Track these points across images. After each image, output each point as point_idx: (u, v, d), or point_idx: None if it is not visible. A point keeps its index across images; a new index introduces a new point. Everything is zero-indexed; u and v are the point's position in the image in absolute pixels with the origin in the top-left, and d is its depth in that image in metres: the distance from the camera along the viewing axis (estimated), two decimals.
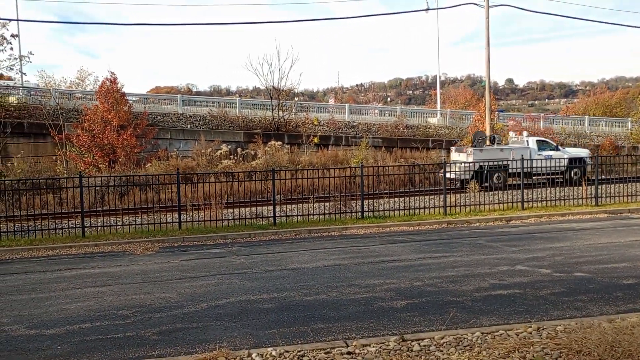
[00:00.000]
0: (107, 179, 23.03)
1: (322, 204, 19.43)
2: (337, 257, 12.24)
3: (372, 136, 36.89)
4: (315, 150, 33.65)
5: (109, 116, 29.07)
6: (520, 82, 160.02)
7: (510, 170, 23.15)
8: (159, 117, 35.25)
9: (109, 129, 28.54)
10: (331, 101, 57.32)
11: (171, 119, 35.64)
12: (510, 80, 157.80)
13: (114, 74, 30.84)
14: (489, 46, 27.12)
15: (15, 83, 37.57)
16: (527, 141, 25.91)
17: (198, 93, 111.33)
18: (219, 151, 30.89)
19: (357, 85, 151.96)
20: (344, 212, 18.36)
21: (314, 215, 18.14)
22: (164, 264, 12.17)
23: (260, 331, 7.21)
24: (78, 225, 16.49)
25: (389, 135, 37.92)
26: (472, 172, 22.77)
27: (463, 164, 22.52)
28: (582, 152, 26.76)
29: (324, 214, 18.23)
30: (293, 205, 19.41)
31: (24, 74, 37.61)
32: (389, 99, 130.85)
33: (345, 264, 11.35)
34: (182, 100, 37.58)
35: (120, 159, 28.22)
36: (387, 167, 22.65)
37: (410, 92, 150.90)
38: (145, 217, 17.88)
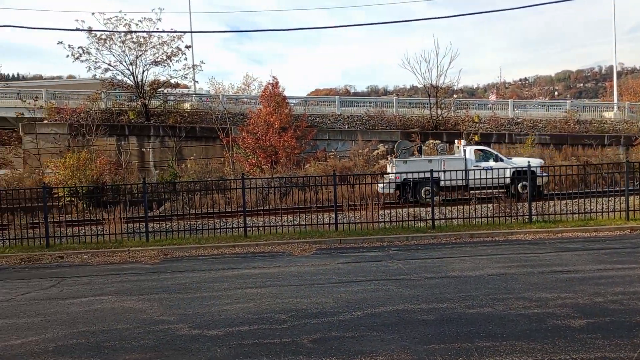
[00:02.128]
0: (268, 180, 23.80)
1: (484, 205, 18.35)
2: (502, 265, 11.33)
3: (539, 133, 34.53)
4: None
5: (271, 119, 30.15)
6: None
7: (442, 184, 20.46)
8: (317, 118, 35.98)
9: (271, 131, 29.60)
10: (492, 97, 54.82)
11: (329, 120, 36.20)
12: None
13: (276, 79, 32.03)
14: None
15: (189, 91, 40.53)
16: (464, 151, 22.97)
17: (355, 94, 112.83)
18: (376, 151, 30.73)
19: (520, 79, 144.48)
20: (509, 215, 17.15)
21: (475, 218, 17.16)
22: (321, 267, 12.10)
23: (419, 345, 6.71)
24: (241, 226, 17.12)
25: (558, 131, 35.25)
26: (394, 186, 21.52)
27: (389, 176, 21.32)
28: (534, 162, 22.59)
29: (487, 217, 17.18)
30: (453, 207, 18.56)
31: (197, 81, 40.43)
32: (556, 93, 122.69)
33: (511, 273, 10.43)
34: (340, 102, 38.03)
35: (281, 160, 29.15)
36: (556, 167, 20.89)
37: (581, 84, 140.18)
38: (303, 217, 18.12)
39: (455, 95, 37.62)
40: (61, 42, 47.78)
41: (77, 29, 30.86)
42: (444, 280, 10.12)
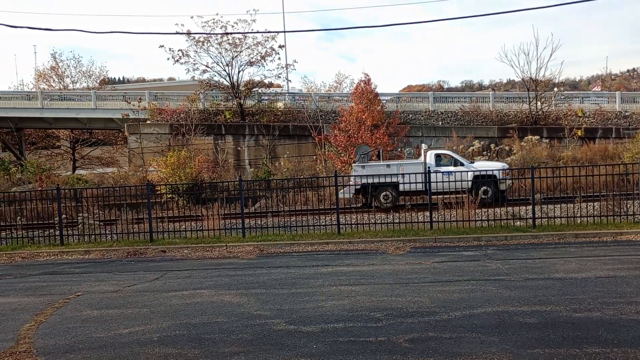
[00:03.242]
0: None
1: (590, 204, 17.36)
2: (611, 267, 10.64)
3: None
4: (579, 145, 30.63)
5: (363, 116, 30.07)
6: None
7: (401, 189, 20.19)
8: (410, 115, 35.53)
9: (363, 128, 29.52)
10: (597, 89, 51.89)
11: (422, 116, 35.65)
12: None
13: (368, 76, 31.89)
14: None
15: (282, 90, 41.26)
16: (425, 155, 22.19)
17: (449, 89, 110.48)
18: (471, 147, 29.91)
19: (628, 71, 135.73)
20: (618, 215, 16.13)
21: (579, 217, 16.28)
22: (416, 266, 11.89)
23: (522, 349, 6.41)
24: (334, 223, 17.18)
25: None
26: (353, 190, 21.46)
27: (350, 181, 21.33)
28: (496, 166, 21.52)
29: (592, 216, 16.25)
30: (554, 206, 17.70)
31: (290, 80, 41.03)
32: None
33: (622, 276, 9.78)
34: (434, 97, 37.37)
35: (373, 158, 29.02)
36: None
37: None
38: (396, 215, 17.93)
39: (556, 89, 35.81)
40: (162, 46, 50.21)
41: (177, 33, 32.16)
42: (547, 282, 9.64)
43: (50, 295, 10.50)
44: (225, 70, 35.50)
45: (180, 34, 32.67)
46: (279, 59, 36.73)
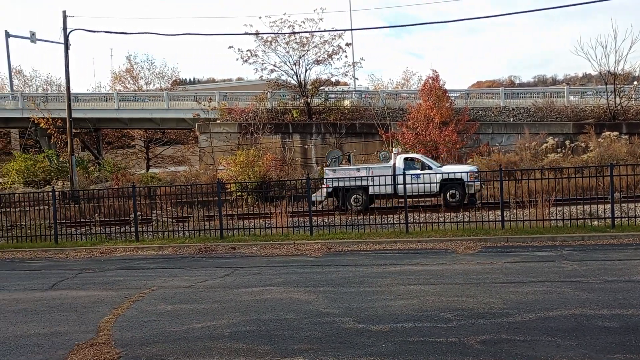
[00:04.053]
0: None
1: None
2: None
3: None
4: None
5: (432, 113, 29.65)
6: None
7: (371, 192, 20.64)
8: (480, 111, 34.73)
9: (432, 125, 29.11)
10: None
11: (492, 113, 34.77)
12: None
13: (436, 72, 31.42)
14: None
15: (348, 88, 41.24)
16: (395, 159, 22.25)
17: (521, 84, 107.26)
18: (544, 144, 28.91)
19: None
20: None
21: None
22: (487, 266, 11.60)
23: (602, 354, 6.13)
24: (402, 222, 17.01)
25: None
26: (325, 194, 21.64)
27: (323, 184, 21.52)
28: (464, 169, 21.25)
29: None
30: (635, 205, 16.86)
31: (356, 78, 41.00)
32: None
33: None
34: (505, 93, 36.39)
35: (442, 155, 28.59)
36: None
37: None
38: (466, 214, 17.57)
39: (636, 82, 34.09)
40: (232, 47, 51.04)
41: (246, 33, 32.73)
42: (628, 285, 9.19)
43: (127, 290, 10.90)
44: (292, 69, 35.86)
45: (249, 34, 33.25)
46: (346, 57, 36.88)
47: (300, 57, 35.45)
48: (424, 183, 18.78)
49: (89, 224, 20.64)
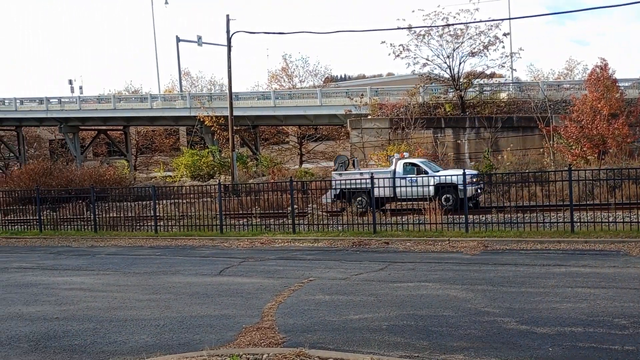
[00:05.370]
0: (595, 172, 21.74)
1: None
2: None
3: None
4: None
5: (599, 105, 27.46)
6: None
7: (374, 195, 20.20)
8: None
9: (599, 118, 26.98)
10: None
11: None
12: None
13: (604, 60, 28.99)
14: None
15: (505, 80, 39.53)
16: (395, 164, 23.03)
17: None
18: None
19: None
20: None
21: None
22: None
23: None
24: (566, 220, 15.96)
25: None
26: (332, 196, 22.68)
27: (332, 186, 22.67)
28: (458, 174, 19.65)
29: None
30: None
31: (514, 69, 39.17)
32: None
33: None
34: None
35: (610, 150, 26.42)
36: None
37: None
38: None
39: None
40: (384, 42, 51.06)
41: (398, 28, 32.55)
42: None
43: (286, 279, 11.36)
44: (445, 63, 35.06)
45: (401, 28, 33.02)
46: (503, 47, 35.12)
47: (454, 50, 34.57)
48: (419, 187, 20.11)
49: (249, 216, 21.81)
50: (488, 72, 36.04)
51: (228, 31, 32.30)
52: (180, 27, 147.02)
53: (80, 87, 69.46)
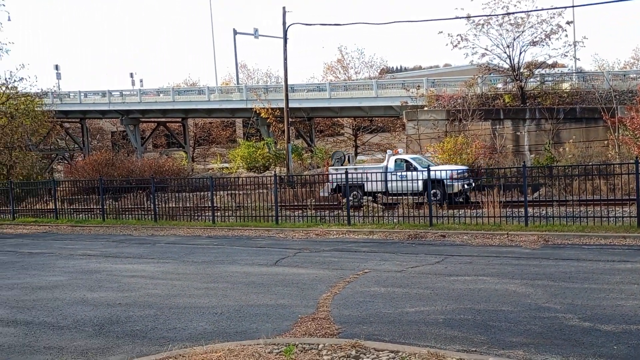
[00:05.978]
0: None
1: None
2: None
3: None
4: None
5: None
6: None
7: (366, 190, 22.39)
8: None
9: None
10: None
11: None
12: None
13: None
14: None
15: (568, 69, 38.23)
16: (388, 160, 24.48)
17: None
18: None
19: None
20: None
21: None
22: None
23: None
24: (632, 215, 15.34)
25: None
26: (329, 190, 23.98)
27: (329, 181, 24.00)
28: (446, 169, 21.86)
29: None
30: None
31: (578, 59, 37.82)
32: None
33: None
34: None
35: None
36: None
37: None
38: None
39: None
40: (441, 32, 50.42)
41: (456, 17, 32.04)
42: None
43: (342, 270, 11.38)
44: (505, 52, 34.10)
45: (459, 18, 32.34)
46: (566, 36, 33.89)
47: (514, 39, 33.59)
48: (408, 181, 20.32)
49: (304, 207, 21.94)
50: (550, 61, 34.88)
51: (284, 23, 32.52)
52: (237, 20, 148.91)
53: (141, 81, 71.66)
